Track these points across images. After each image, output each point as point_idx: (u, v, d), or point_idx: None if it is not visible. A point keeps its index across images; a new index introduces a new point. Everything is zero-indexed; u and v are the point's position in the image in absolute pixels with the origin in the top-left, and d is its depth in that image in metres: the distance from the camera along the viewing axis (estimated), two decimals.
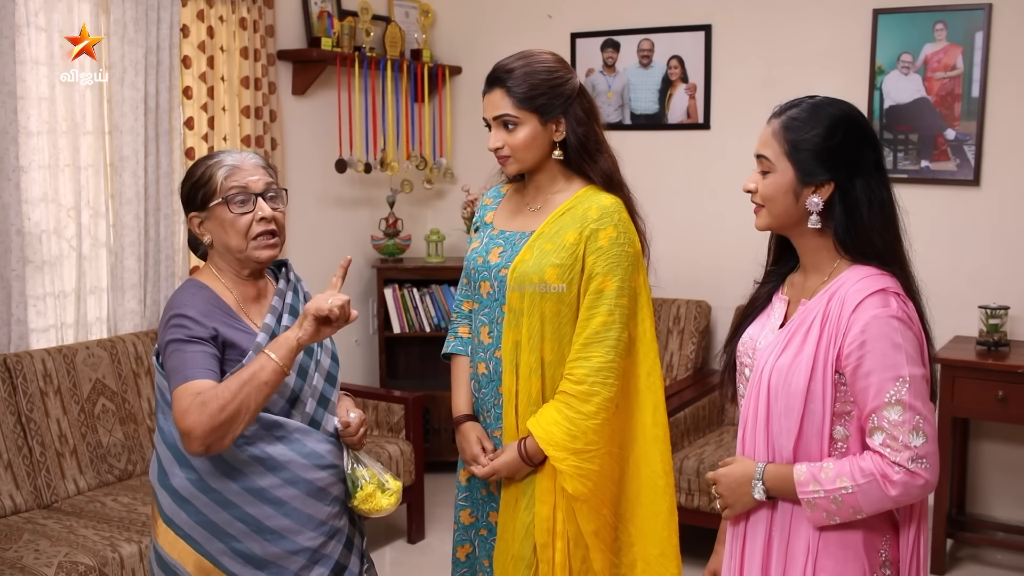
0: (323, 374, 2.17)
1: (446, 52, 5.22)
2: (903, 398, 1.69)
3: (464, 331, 2.55)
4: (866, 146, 1.79)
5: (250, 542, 2.04)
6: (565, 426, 2.30)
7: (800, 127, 1.78)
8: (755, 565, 1.86)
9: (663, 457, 2.42)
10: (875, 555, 1.79)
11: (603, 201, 2.36)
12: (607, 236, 2.32)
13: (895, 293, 1.74)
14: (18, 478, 3.27)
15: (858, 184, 1.77)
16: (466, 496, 2.52)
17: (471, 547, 2.52)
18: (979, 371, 3.73)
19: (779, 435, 1.79)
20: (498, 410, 2.42)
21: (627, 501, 2.41)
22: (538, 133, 2.35)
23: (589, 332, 2.31)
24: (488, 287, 2.43)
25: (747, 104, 4.45)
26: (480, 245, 2.49)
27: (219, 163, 2.09)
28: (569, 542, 2.34)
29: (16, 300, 3.42)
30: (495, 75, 2.36)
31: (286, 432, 2.06)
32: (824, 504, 1.73)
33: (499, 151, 2.38)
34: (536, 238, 2.37)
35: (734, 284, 3.06)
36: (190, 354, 1.97)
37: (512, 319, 2.36)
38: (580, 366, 2.31)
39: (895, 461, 1.69)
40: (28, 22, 3.45)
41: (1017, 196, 4.04)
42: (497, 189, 2.58)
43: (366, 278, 5.03)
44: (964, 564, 4.01)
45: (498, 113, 2.34)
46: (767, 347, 1.83)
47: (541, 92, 2.34)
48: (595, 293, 2.32)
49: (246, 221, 2.06)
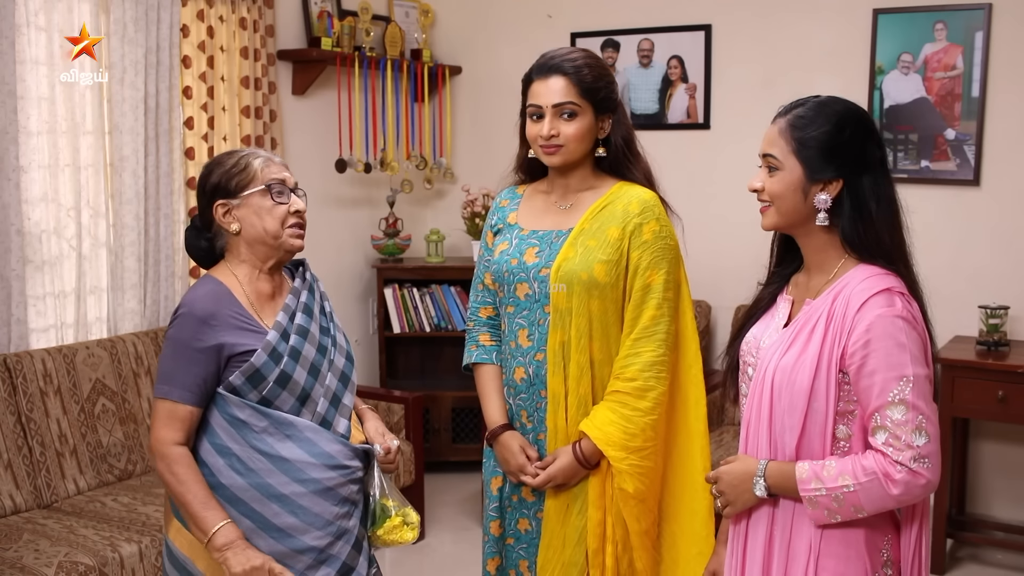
0: (336, 374, 2.19)
1: (446, 52, 5.22)
2: (906, 398, 1.69)
3: (486, 339, 2.49)
4: (872, 143, 1.79)
5: (257, 540, 2.05)
6: (622, 424, 2.27)
7: (807, 124, 1.78)
8: (756, 564, 1.86)
9: (703, 453, 2.40)
10: (877, 555, 1.79)
11: (642, 195, 2.35)
12: (651, 230, 2.32)
13: (900, 293, 1.74)
14: (18, 478, 3.27)
15: (865, 181, 1.77)
16: (496, 507, 2.45)
17: (500, 559, 2.46)
18: (979, 371, 3.73)
19: (782, 433, 1.79)
20: (541, 414, 2.36)
21: (669, 498, 2.39)
22: (592, 126, 2.34)
23: (639, 328, 2.30)
24: (527, 289, 2.35)
25: (747, 104, 4.45)
26: (510, 247, 2.41)
27: (254, 154, 2.15)
28: (618, 546, 2.32)
29: (16, 300, 3.42)
30: (554, 63, 2.31)
31: (296, 431, 2.07)
32: (826, 502, 1.73)
33: (552, 140, 2.31)
34: (578, 235, 2.33)
35: (734, 284, 3.06)
36: (185, 367, 2.04)
37: (558, 319, 2.31)
38: (632, 363, 2.29)
39: (897, 460, 1.68)
40: (28, 22, 3.45)
41: (1017, 196, 4.04)
42: (512, 190, 2.53)
43: (366, 278, 5.03)
44: (964, 564, 4.01)
45: (561, 100, 2.29)
46: (771, 346, 1.83)
47: (603, 85, 2.33)
48: (642, 288, 2.31)
49: (283, 210, 2.12)
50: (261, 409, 2.05)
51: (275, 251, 2.14)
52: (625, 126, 2.39)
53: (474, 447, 4.78)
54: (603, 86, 2.33)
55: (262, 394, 2.05)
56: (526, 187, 2.51)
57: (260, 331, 2.08)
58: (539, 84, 2.33)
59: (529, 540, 2.42)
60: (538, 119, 2.32)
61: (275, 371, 2.05)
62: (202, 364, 2.03)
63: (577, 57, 2.33)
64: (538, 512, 2.40)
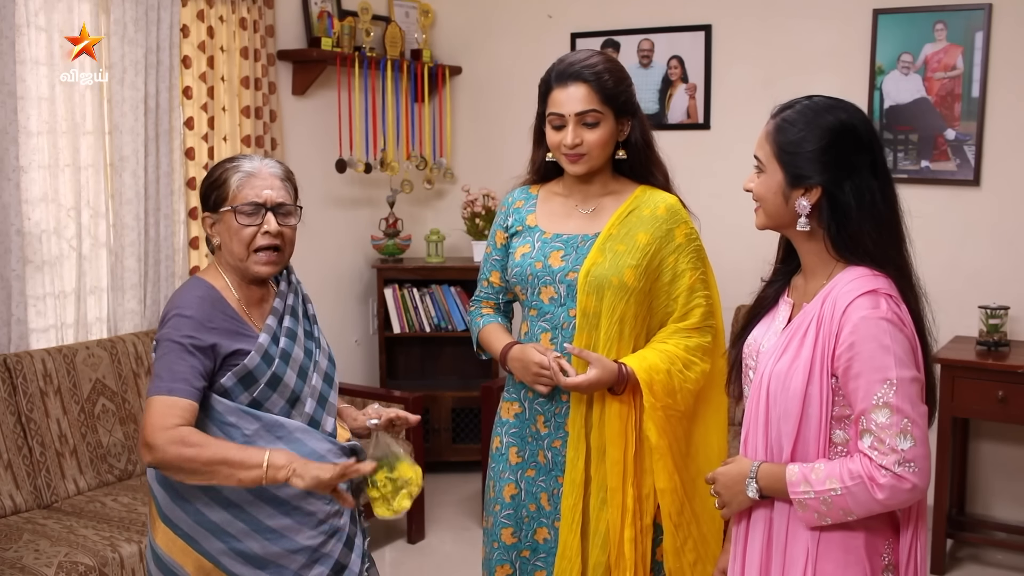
0: (321, 374, 2.18)
1: (446, 52, 5.22)
2: (890, 401, 1.67)
3: (489, 308, 2.52)
4: (861, 150, 1.76)
5: (250, 541, 2.04)
6: (665, 379, 2.30)
7: (789, 130, 1.77)
8: (754, 567, 1.86)
9: (719, 443, 2.46)
10: (878, 559, 1.78)
11: (667, 200, 2.38)
12: (683, 233, 2.37)
13: (887, 294, 1.72)
14: (18, 478, 3.27)
15: (847, 187, 1.74)
16: (511, 515, 2.43)
17: (511, 568, 2.44)
18: (979, 371, 3.73)
19: (778, 438, 1.79)
20: (560, 419, 2.37)
21: (690, 481, 2.40)
22: (613, 131, 2.34)
23: (690, 323, 2.36)
24: (552, 292, 2.35)
25: (747, 104, 4.45)
26: (533, 249, 2.39)
27: (236, 167, 2.08)
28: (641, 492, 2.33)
29: (16, 300, 3.42)
30: (574, 70, 2.29)
31: (287, 432, 2.06)
32: (815, 505, 1.73)
33: (576, 148, 2.30)
34: (605, 240, 2.33)
35: (735, 284, 3.06)
36: (181, 363, 1.97)
37: (585, 323, 2.32)
38: (683, 342, 2.35)
39: (882, 464, 1.67)
40: (28, 22, 3.45)
41: (1017, 196, 4.04)
42: (524, 191, 2.51)
43: (366, 278, 5.03)
44: (964, 564, 4.01)
45: (585, 108, 2.28)
46: (768, 351, 1.83)
47: (623, 89, 2.33)
48: (688, 289, 2.36)
49: (250, 233, 2.05)
50: (252, 412, 2.04)
51: (244, 273, 2.10)
52: (644, 127, 2.39)
53: (474, 447, 4.78)
54: (623, 90, 2.33)
55: (253, 396, 2.04)
56: (539, 188, 2.49)
57: (251, 334, 2.07)
58: (559, 92, 2.30)
59: (547, 550, 2.40)
60: (560, 128, 2.31)
61: (267, 373, 2.04)
62: (199, 360, 1.98)
63: (596, 62, 2.30)
64: (556, 521, 2.38)
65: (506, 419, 2.47)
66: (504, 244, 2.48)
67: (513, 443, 2.44)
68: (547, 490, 2.39)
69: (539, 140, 2.44)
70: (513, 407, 2.45)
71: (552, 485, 2.39)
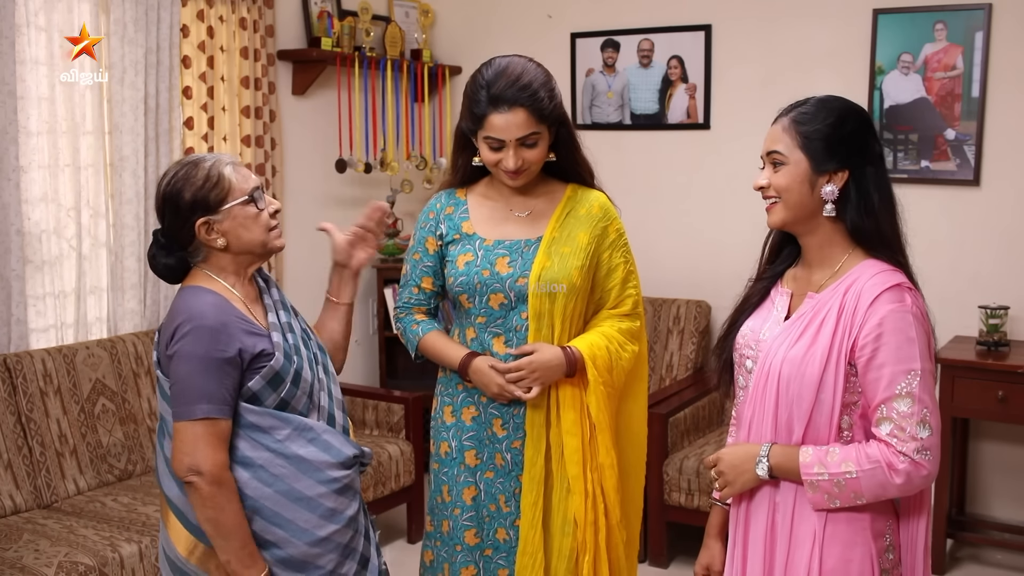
0: (322, 366, 2.20)
1: (446, 52, 5.22)
2: (914, 391, 1.74)
3: (421, 314, 2.52)
4: (872, 137, 1.85)
5: (290, 548, 2.05)
6: (605, 356, 2.39)
7: (810, 119, 1.84)
8: (758, 551, 1.88)
9: (641, 429, 2.58)
10: (881, 539, 1.84)
11: (600, 198, 2.47)
12: (615, 229, 2.47)
13: (909, 288, 1.80)
14: (18, 478, 3.27)
15: (869, 172, 1.83)
16: (472, 516, 2.45)
17: (475, 569, 2.45)
18: (979, 371, 3.73)
19: (787, 422, 1.83)
20: (518, 420, 2.39)
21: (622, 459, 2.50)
22: (548, 141, 2.36)
23: (622, 311, 2.47)
24: (502, 298, 2.37)
25: (747, 104, 4.45)
26: (476, 258, 2.39)
27: (218, 163, 2.06)
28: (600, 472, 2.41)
29: (16, 300, 3.42)
30: (511, 95, 2.25)
31: (316, 435, 2.08)
32: (827, 487, 1.78)
33: (519, 169, 2.32)
34: (549, 243, 2.38)
35: (734, 284, 3.03)
36: (215, 378, 1.97)
37: (539, 325, 2.37)
38: (616, 324, 2.45)
39: (901, 451, 1.74)
40: (28, 22, 3.45)
41: (1017, 196, 4.04)
42: (451, 195, 2.49)
43: (366, 278, 5.03)
44: (964, 564, 4.01)
45: (526, 132, 2.28)
46: (775, 338, 1.86)
47: (557, 102, 2.34)
48: (622, 281, 2.46)
49: (266, 216, 2.10)
50: (282, 416, 2.04)
51: (261, 257, 2.13)
52: (570, 129, 2.42)
53: None
54: (557, 103, 2.34)
55: (280, 396, 2.04)
56: (465, 192, 2.48)
57: (263, 333, 2.07)
58: (497, 117, 2.26)
59: (508, 548, 2.43)
60: (498, 149, 2.31)
61: (291, 371, 2.05)
62: (231, 374, 1.98)
63: (531, 81, 2.28)
64: (515, 520, 2.41)
65: (451, 423, 2.47)
66: (437, 251, 2.46)
67: (471, 446, 2.44)
68: (505, 492, 2.42)
69: (463, 145, 2.43)
70: (470, 411, 2.45)
71: (511, 486, 2.41)
